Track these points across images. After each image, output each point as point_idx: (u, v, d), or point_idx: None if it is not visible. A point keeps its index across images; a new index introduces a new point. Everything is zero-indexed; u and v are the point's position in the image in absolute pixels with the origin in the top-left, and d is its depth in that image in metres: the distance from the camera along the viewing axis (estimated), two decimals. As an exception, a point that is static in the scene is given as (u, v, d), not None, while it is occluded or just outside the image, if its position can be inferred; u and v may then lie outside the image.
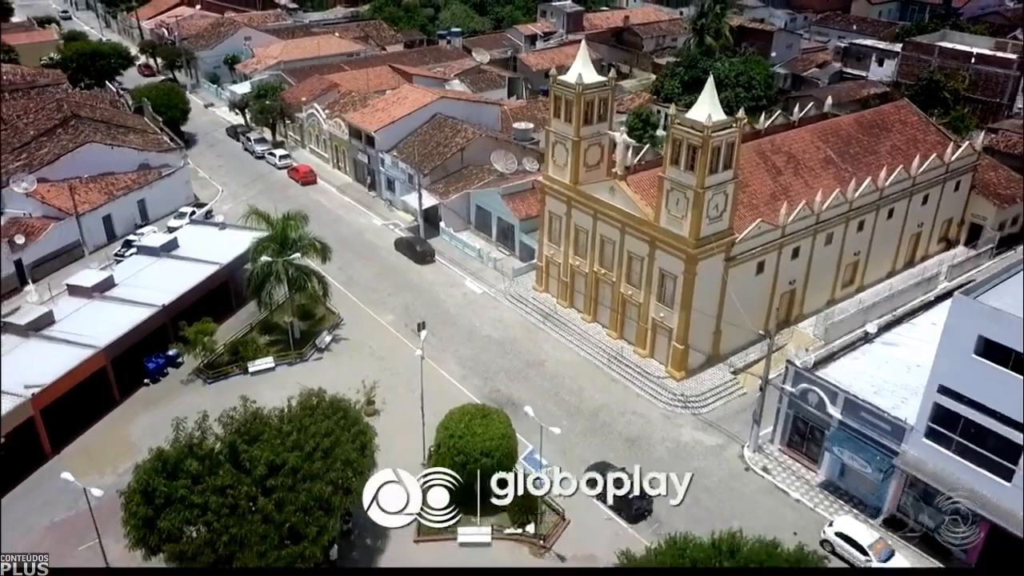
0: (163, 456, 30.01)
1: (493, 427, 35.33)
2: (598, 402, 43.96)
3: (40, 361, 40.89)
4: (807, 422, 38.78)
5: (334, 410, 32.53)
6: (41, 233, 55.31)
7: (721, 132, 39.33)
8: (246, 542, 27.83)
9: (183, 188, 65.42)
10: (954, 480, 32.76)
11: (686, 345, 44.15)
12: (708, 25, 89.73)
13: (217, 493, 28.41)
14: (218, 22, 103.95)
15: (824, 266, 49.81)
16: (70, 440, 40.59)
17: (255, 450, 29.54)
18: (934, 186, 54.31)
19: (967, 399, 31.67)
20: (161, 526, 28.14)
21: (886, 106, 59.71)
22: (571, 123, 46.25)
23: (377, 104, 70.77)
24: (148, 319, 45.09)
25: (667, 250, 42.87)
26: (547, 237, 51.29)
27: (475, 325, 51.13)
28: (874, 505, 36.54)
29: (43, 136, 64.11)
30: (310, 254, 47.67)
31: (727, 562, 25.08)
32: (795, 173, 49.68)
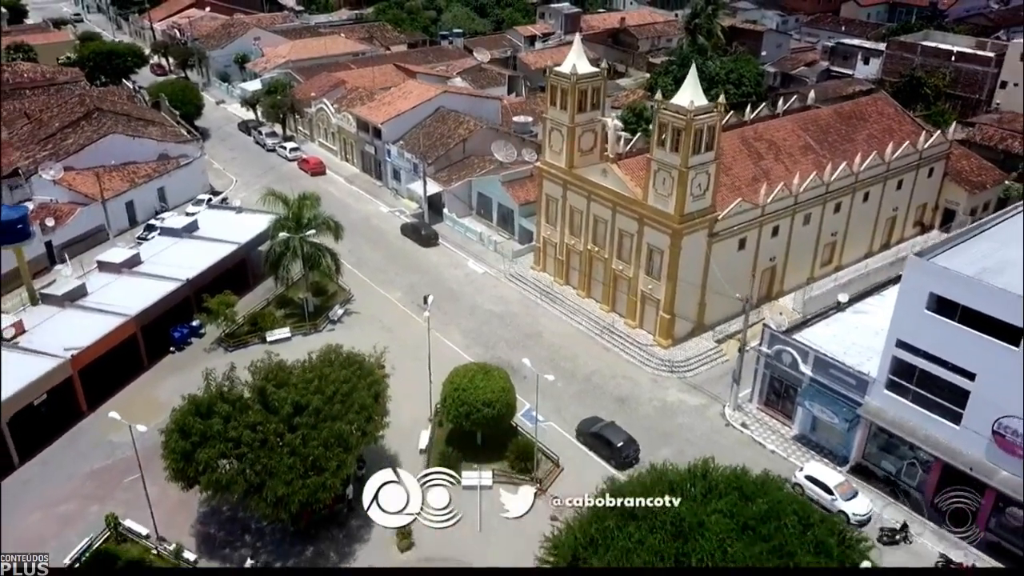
0: (196, 401, 33.57)
1: (493, 381, 38.80)
2: (591, 368, 47.45)
3: (76, 327, 44.38)
4: (782, 381, 42.25)
5: (350, 363, 36.04)
6: (69, 217, 58.75)
7: (703, 116, 42.90)
8: (275, 472, 31.29)
9: (200, 177, 68.96)
10: (911, 426, 36.22)
11: (672, 315, 47.65)
12: (701, 25, 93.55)
13: (248, 429, 31.91)
14: (228, 23, 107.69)
15: (803, 245, 53.29)
16: (104, 400, 43.85)
17: (282, 392, 33.03)
18: (908, 172, 57.82)
19: (921, 351, 35.16)
20: (198, 458, 31.61)
21: (864, 98, 63.36)
22: (566, 111, 49.78)
23: (383, 99, 74.36)
24: (173, 292, 48.61)
25: (654, 226, 46.39)
26: (544, 219, 54.79)
27: (477, 301, 54.60)
28: (842, 455, 39.95)
29: (67, 128, 67.70)
30: (323, 232, 51.10)
31: (699, 483, 28.45)
32: (776, 159, 53.21)
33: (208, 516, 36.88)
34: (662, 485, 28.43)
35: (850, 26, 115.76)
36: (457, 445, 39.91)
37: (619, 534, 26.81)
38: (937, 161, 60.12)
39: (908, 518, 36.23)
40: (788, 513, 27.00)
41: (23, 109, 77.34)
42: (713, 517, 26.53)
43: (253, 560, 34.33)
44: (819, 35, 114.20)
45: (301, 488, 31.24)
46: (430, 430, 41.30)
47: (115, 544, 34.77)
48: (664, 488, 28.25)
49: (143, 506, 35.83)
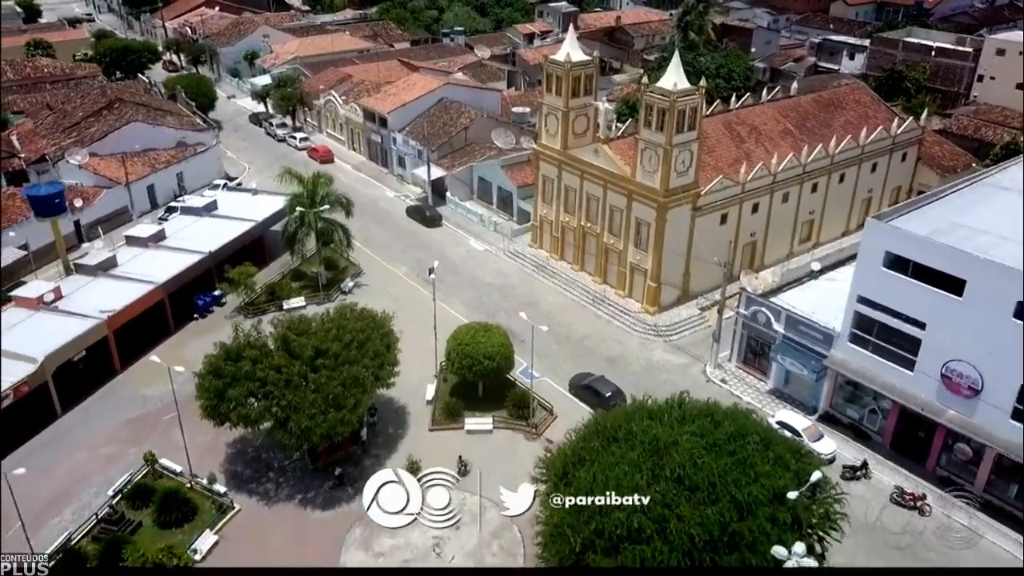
0: (227, 348, 37.44)
1: (493, 337, 42.65)
2: (583, 332, 51.29)
3: (109, 294, 48.24)
4: (758, 340, 46.07)
5: (364, 316, 39.91)
6: (95, 199, 62.54)
7: (686, 98, 46.79)
8: (299, 408, 35.10)
9: (215, 164, 72.81)
10: (872, 374, 40.04)
11: (659, 284, 51.51)
12: (692, 22, 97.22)
13: (274, 371, 35.75)
14: (238, 21, 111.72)
15: (782, 222, 57.15)
16: (135, 360, 47.68)
17: (303, 340, 36.87)
18: (882, 156, 61.68)
19: (879, 305, 38.98)
20: (230, 396, 35.44)
21: (842, 87, 67.28)
22: (561, 96, 53.66)
23: (389, 90, 78.28)
24: (197, 263, 52.47)
25: (642, 201, 50.26)
26: (541, 198, 58.65)
27: (478, 275, 58.45)
28: (812, 405, 43.74)
29: (91, 117, 71.64)
30: (335, 209, 54.93)
31: (675, 412, 32.25)
32: (757, 142, 57.08)
33: (235, 457, 40.68)
34: (642, 413, 32.28)
35: (838, 24, 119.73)
36: (460, 396, 43.74)
37: (603, 452, 30.61)
38: (910, 146, 64.00)
39: (868, 457, 40.04)
40: (752, 434, 30.81)
41: (45, 101, 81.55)
42: (685, 437, 30.30)
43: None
44: (808, 33, 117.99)
45: (323, 422, 35.03)
46: (436, 384, 45.12)
47: (153, 479, 38.52)
48: (644, 415, 32.10)
49: (176, 449, 39.71)
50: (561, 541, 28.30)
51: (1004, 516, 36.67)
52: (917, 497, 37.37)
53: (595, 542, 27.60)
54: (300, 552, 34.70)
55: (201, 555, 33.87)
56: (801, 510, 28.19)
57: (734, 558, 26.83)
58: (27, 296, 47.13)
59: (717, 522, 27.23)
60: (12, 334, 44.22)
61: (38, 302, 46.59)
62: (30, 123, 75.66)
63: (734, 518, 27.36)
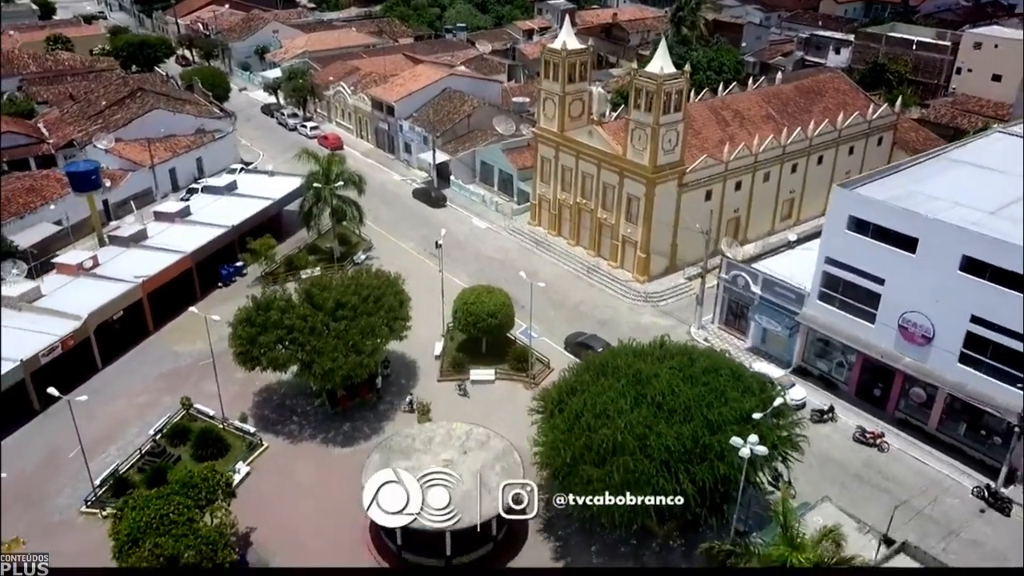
0: (257, 300, 41.67)
1: (496, 298, 46.92)
2: (578, 299, 55.53)
3: (141, 262, 52.50)
4: (738, 303, 50.27)
5: (379, 275, 44.13)
6: (121, 180, 66.70)
7: (671, 81, 51.03)
8: (322, 351, 39.33)
9: (232, 150, 76.97)
10: (838, 328, 44.24)
11: (648, 254, 55.73)
12: (685, 18, 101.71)
13: (300, 319, 39.96)
14: (248, 17, 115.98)
15: (764, 200, 61.35)
16: (166, 322, 51.91)
17: (325, 293, 41.12)
18: (858, 140, 65.89)
19: (844, 264, 43.20)
20: (261, 341, 39.68)
21: (822, 76, 71.55)
22: (558, 82, 57.89)
23: (395, 81, 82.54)
24: (220, 235, 56.72)
25: (632, 177, 54.49)
26: (540, 178, 62.87)
27: (480, 250, 62.67)
28: (787, 360, 47.90)
29: (114, 105, 75.84)
30: (348, 187, 59.13)
31: (658, 352, 36.47)
32: (740, 125, 61.27)
33: (262, 404, 44.89)
34: (627, 351, 36.53)
35: (827, 21, 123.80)
36: (466, 352, 47.96)
37: (592, 384, 34.84)
38: (886, 131, 68.22)
39: (835, 404, 44.27)
40: (724, 368, 35.09)
41: (67, 92, 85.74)
42: (665, 370, 34.54)
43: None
44: (798, 29, 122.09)
45: (343, 365, 39.26)
46: (443, 342, 49.31)
47: (188, 421, 42.72)
48: (629, 354, 36.34)
49: (207, 398, 44.01)
50: (556, 455, 32.53)
51: (954, 451, 40.88)
52: (876, 435, 41.61)
53: (585, 455, 31.78)
54: (324, 478, 39.02)
55: (238, 478, 37.98)
56: (766, 429, 32.35)
57: (705, 467, 31.01)
58: (68, 263, 51.40)
59: (691, 437, 31.45)
60: (56, 296, 48.59)
61: (78, 268, 50.84)
62: (55, 112, 79.87)
63: (706, 434, 31.56)
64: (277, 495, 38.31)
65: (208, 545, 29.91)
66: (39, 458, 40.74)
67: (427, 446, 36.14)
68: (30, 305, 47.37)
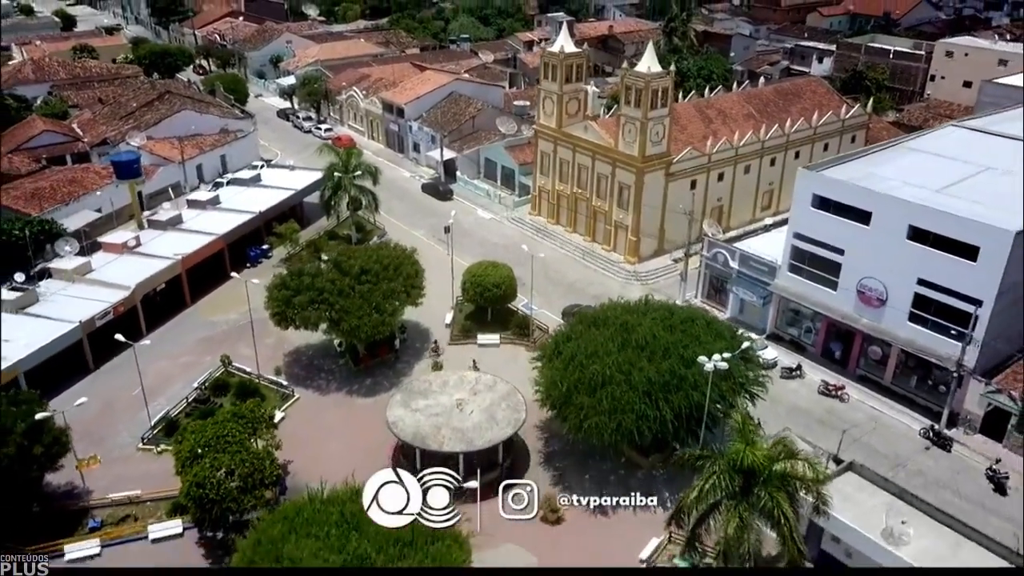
0: (291, 268, 47.15)
1: (500, 271, 52.44)
2: (574, 278, 61.03)
3: (179, 242, 58.03)
4: (719, 279, 55.76)
5: (397, 248, 49.70)
6: (154, 174, 72.27)
7: (658, 80, 56.77)
8: (349, 311, 44.77)
9: (253, 148, 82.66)
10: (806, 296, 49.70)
11: (638, 237, 61.31)
12: (676, 28, 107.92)
13: (330, 283, 45.44)
14: (262, 29, 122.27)
15: (745, 191, 66.99)
16: (200, 296, 57.35)
17: (350, 260, 46.64)
18: (833, 137, 71.64)
19: (810, 238, 48.72)
20: (295, 302, 45.15)
21: (800, 80, 77.40)
22: (556, 82, 63.67)
23: (404, 85, 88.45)
24: (249, 220, 62.33)
25: (624, 167, 60.15)
26: (539, 171, 68.54)
27: (485, 236, 68.22)
28: (761, 327, 53.28)
29: (144, 107, 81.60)
30: (364, 178, 64.77)
31: (642, 307, 41.93)
32: (723, 122, 67.04)
33: (292, 363, 50.28)
34: (616, 306, 42.06)
35: (813, 34, 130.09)
36: (473, 320, 53.41)
37: (585, 333, 40.33)
38: (859, 130, 74.00)
39: (803, 363, 49.67)
40: (699, 319, 40.57)
41: (96, 96, 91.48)
42: (648, 320, 40.04)
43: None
44: (785, 40, 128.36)
45: (368, 322, 44.72)
46: (452, 313, 54.76)
47: (228, 377, 48.07)
48: (617, 308, 41.85)
49: (241, 359, 49.40)
50: (554, 387, 37.97)
51: (906, 400, 46.26)
52: (838, 387, 47.02)
53: (578, 386, 37.22)
54: (349, 422, 44.36)
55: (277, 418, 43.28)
56: (734, 366, 37.71)
57: (680, 395, 36.41)
58: (113, 242, 56.94)
59: (669, 371, 36.90)
60: (105, 270, 54.17)
61: (123, 247, 56.41)
62: (88, 113, 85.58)
63: (681, 368, 36.99)
64: (308, 436, 43.53)
65: (258, 460, 35.19)
66: (97, 407, 45.77)
67: (442, 388, 41.58)
68: (83, 277, 52.89)
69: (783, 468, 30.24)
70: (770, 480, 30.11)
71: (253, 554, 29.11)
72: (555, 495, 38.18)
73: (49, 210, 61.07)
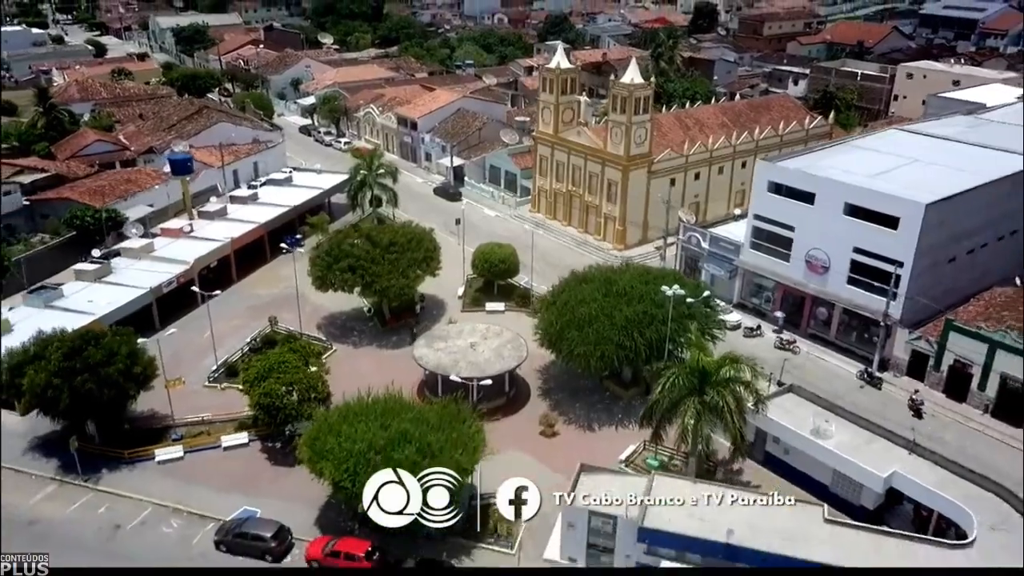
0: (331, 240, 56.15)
1: (505, 250, 61.57)
2: (568, 264, 69.22)
3: (227, 229, 67.08)
4: (693, 259, 64.68)
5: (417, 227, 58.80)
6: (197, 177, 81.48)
7: (640, 90, 66.26)
8: (379, 275, 53.64)
9: (281, 157, 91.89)
10: (765, 267, 58.56)
11: (624, 227, 70.37)
12: (663, 53, 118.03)
13: (364, 252, 54.37)
14: (283, 55, 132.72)
15: (719, 189, 76.20)
16: (245, 275, 66.25)
17: (381, 234, 55.64)
18: (798, 144, 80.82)
19: (767, 219, 57.72)
20: (336, 267, 54.02)
21: (770, 96, 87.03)
22: (553, 94, 73.19)
23: (417, 102, 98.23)
24: (284, 212, 71.50)
25: (611, 165, 69.43)
26: (538, 173, 77.82)
27: (491, 230, 76.92)
28: (728, 298, 62.03)
29: (185, 120, 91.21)
30: (385, 176, 73.96)
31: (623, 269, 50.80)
32: (700, 130, 76.46)
33: (328, 325, 59.04)
34: (601, 268, 51.00)
35: (792, 60, 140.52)
36: (482, 292, 62.29)
37: (576, 286, 49.23)
38: (822, 139, 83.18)
39: (763, 325, 58.42)
40: (669, 275, 49.44)
41: (136, 113, 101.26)
42: (627, 276, 48.93)
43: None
44: (765, 66, 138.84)
45: (395, 285, 53.61)
46: (464, 288, 63.63)
47: (275, 334, 56.77)
48: (603, 269, 50.81)
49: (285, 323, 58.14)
50: (550, 326, 46.81)
51: (847, 352, 54.97)
52: (790, 341, 55.78)
53: (570, 324, 46.01)
54: (380, 367, 52.75)
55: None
56: (697, 312, 46.49)
57: (652, 329, 45.17)
58: (171, 227, 65.99)
59: (643, 311, 45.70)
60: (166, 249, 63.21)
61: (179, 231, 65.44)
62: (132, 127, 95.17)
63: (652, 308, 45.79)
64: (346, 377, 51.71)
65: (312, 379, 43.85)
66: (167, 356, 54.35)
67: (458, 335, 50.33)
68: (148, 255, 61.82)
69: (728, 372, 38.86)
70: (720, 381, 38.71)
71: (317, 433, 37.62)
72: (551, 414, 46.81)
73: (111, 203, 70.14)
